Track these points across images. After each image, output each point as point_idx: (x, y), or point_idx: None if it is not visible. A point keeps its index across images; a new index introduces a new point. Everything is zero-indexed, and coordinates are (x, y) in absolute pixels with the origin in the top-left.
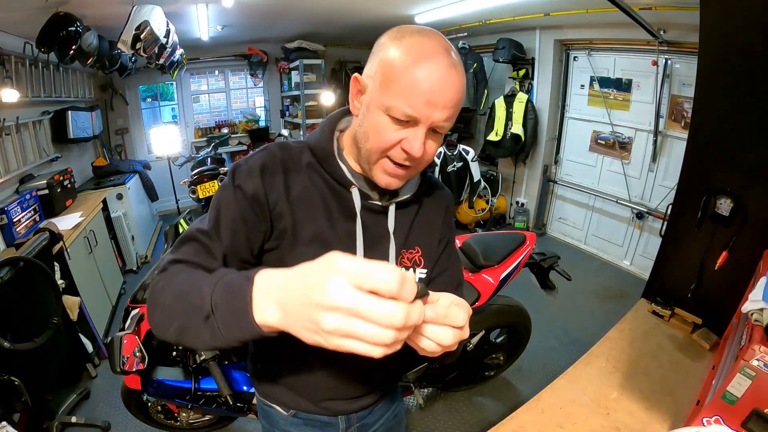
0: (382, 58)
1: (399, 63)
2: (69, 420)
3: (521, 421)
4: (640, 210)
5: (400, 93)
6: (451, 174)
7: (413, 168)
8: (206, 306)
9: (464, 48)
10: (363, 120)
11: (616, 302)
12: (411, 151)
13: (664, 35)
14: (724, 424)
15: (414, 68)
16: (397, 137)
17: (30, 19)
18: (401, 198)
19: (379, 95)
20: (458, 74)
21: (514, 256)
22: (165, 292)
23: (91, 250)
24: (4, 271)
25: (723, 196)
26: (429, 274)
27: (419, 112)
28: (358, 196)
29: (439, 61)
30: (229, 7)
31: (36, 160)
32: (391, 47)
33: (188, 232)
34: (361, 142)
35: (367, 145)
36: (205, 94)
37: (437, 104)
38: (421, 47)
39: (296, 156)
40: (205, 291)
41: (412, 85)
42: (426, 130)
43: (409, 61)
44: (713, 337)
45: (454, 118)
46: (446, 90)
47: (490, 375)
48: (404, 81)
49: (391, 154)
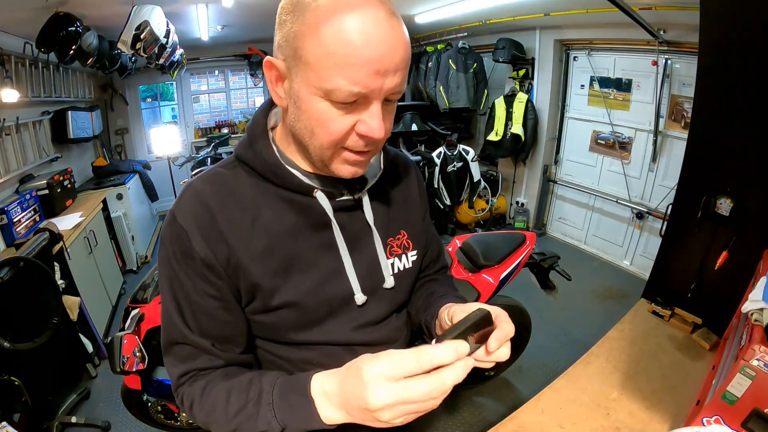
0: (298, 30)
1: (325, 31)
2: (69, 420)
3: (521, 421)
4: (640, 210)
5: (338, 69)
6: (451, 174)
7: (374, 149)
8: (275, 428)
9: (464, 48)
10: (298, 113)
11: (616, 302)
12: (371, 134)
13: (664, 35)
14: (724, 424)
15: (347, 34)
16: (349, 123)
17: (30, 19)
18: (372, 183)
19: (310, 79)
20: (400, 24)
21: (514, 256)
22: (209, 417)
23: (91, 250)
24: (4, 271)
25: (723, 196)
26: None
27: (369, 87)
28: (325, 199)
29: (376, 14)
30: (229, 7)
31: (36, 160)
32: (306, 12)
33: (168, 331)
34: (306, 139)
35: (315, 142)
36: (205, 94)
37: (388, 70)
38: (345, 2)
39: (231, 182)
40: (264, 416)
41: (352, 55)
42: (381, 103)
43: (337, 25)
44: (713, 337)
45: (406, 78)
46: (394, 49)
47: (490, 375)
48: (340, 53)
49: (348, 144)
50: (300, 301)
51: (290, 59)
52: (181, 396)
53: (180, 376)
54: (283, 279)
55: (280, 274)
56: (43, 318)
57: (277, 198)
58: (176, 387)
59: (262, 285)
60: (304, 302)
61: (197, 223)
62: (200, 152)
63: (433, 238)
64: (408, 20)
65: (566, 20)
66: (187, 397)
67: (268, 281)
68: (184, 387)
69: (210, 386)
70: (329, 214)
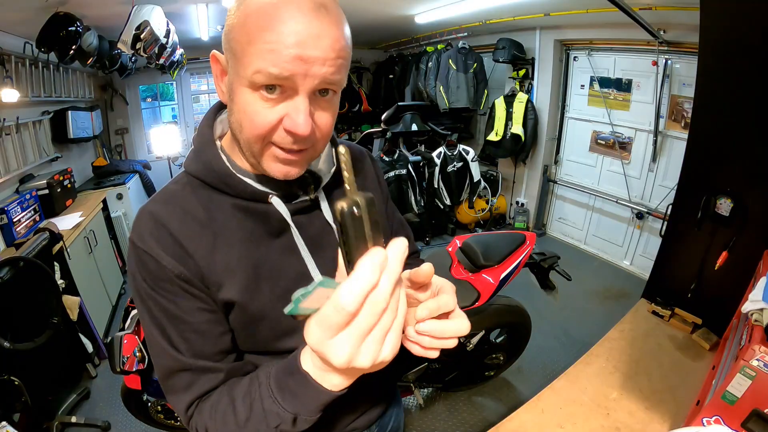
0: (231, 23)
1: (247, 19)
2: (69, 420)
3: (521, 421)
4: (640, 210)
5: (258, 54)
6: (451, 174)
7: (311, 149)
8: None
9: (464, 48)
10: (231, 105)
11: (616, 302)
12: (295, 129)
13: (664, 35)
14: (724, 424)
15: (267, 19)
16: (275, 116)
17: (30, 19)
18: (327, 180)
19: (239, 69)
20: (330, 14)
21: (514, 256)
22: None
23: (91, 250)
24: (4, 271)
25: (723, 196)
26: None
27: (290, 70)
28: (281, 203)
29: (299, 3)
30: (229, 7)
31: (36, 160)
32: (240, 6)
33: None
34: (237, 134)
35: (243, 136)
36: (205, 94)
37: (310, 57)
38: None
39: (184, 199)
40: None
41: (271, 39)
42: (308, 97)
43: (258, 12)
44: (713, 337)
45: (344, 70)
46: (319, 36)
47: (490, 375)
48: (260, 38)
49: (275, 140)
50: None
51: (227, 52)
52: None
53: (187, 408)
54: (253, 291)
55: (249, 287)
56: (43, 318)
57: (233, 208)
58: (187, 420)
59: (234, 300)
60: (276, 311)
61: (160, 244)
62: None
63: (398, 224)
64: (408, 20)
65: (566, 20)
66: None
67: (239, 296)
68: (194, 418)
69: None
70: (287, 219)
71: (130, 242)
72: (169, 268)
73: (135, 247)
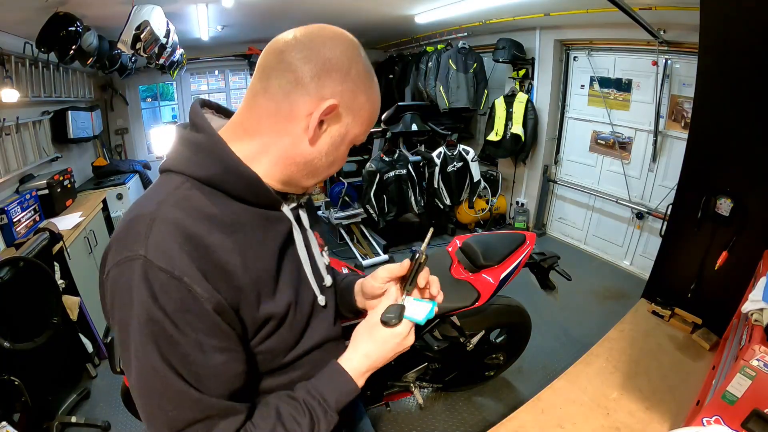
0: (351, 87)
1: (367, 101)
2: (69, 420)
3: (521, 421)
4: (640, 210)
5: (364, 127)
6: (451, 174)
7: None
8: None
9: (464, 48)
10: (329, 148)
11: (616, 302)
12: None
13: (664, 35)
14: (724, 424)
15: (374, 109)
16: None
17: (30, 19)
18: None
19: (351, 125)
20: None
21: (514, 256)
22: None
23: (91, 250)
24: (4, 271)
25: (723, 196)
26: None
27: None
28: (288, 209)
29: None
30: (229, 7)
31: (36, 160)
32: (357, 84)
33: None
34: (323, 169)
35: (329, 171)
36: (205, 94)
37: None
38: (371, 73)
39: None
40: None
41: (374, 116)
42: None
43: (371, 93)
44: (713, 337)
45: None
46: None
47: (490, 375)
48: (368, 120)
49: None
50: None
51: (346, 108)
52: None
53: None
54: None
55: (272, 295)
56: (43, 318)
57: (254, 216)
58: None
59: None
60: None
61: (194, 263)
62: None
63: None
64: (408, 20)
65: (566, 20)
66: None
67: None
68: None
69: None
70: (293, 224)
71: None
72: (204, 298)
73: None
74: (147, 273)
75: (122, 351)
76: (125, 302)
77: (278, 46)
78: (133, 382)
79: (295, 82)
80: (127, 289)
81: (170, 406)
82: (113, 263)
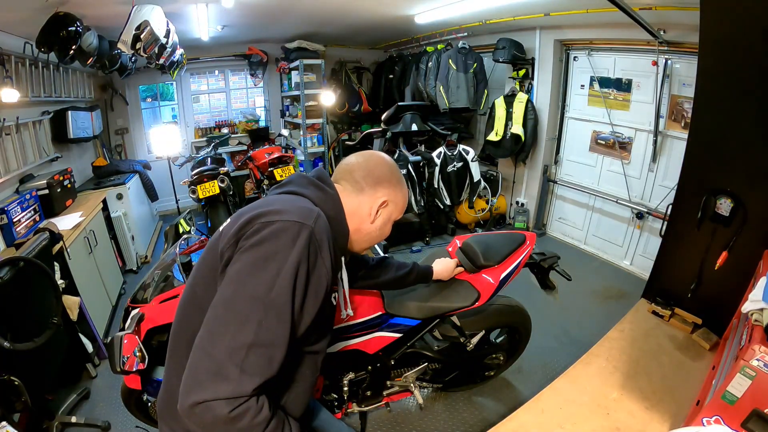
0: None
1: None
2: (69, 420)
3: (521, 421)
4: (640, 210)
5: (401, 209)
6: (451, 174)
7: None
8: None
9: (464, 48)
10: (382, 226)
11: (616, 302)
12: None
13: (664, 35)
14: (724, 424)
15: (406, 195)
16: None
17: (30, 19)
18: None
19: (392, 212)
20: None
21: (514, 256)
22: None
23: (91, 250)
24: (4, 271)
25: (723, 196)
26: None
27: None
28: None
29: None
30: (229, 7)
31: (36, 160)
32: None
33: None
34: (375, 238)
35: (379, 239)
36: (205, 94)
37: None
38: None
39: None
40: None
41: (406, 203)
42: None
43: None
44: (713, 337)
45: None
46: None
47: (490, 375)
48: (404, 201)
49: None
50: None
51: (392, 203)
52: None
53: (255, 387)
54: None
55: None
56: (43, 318)
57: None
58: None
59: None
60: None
61: (330, 254)
62: (200, 152)
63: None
64: (408, 20)
65: (566, 20)
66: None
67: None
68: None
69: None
70: (343, 268)
71: (308, 229)
72: (326, 276)
73: (314, 240)
74: (311, 237)
75: (246, 274)
76: (286, 244)
77: (348, 167)
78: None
79: (361, 189)
80: (293, 238)
81: (250, 328)
82: (281, 220)
